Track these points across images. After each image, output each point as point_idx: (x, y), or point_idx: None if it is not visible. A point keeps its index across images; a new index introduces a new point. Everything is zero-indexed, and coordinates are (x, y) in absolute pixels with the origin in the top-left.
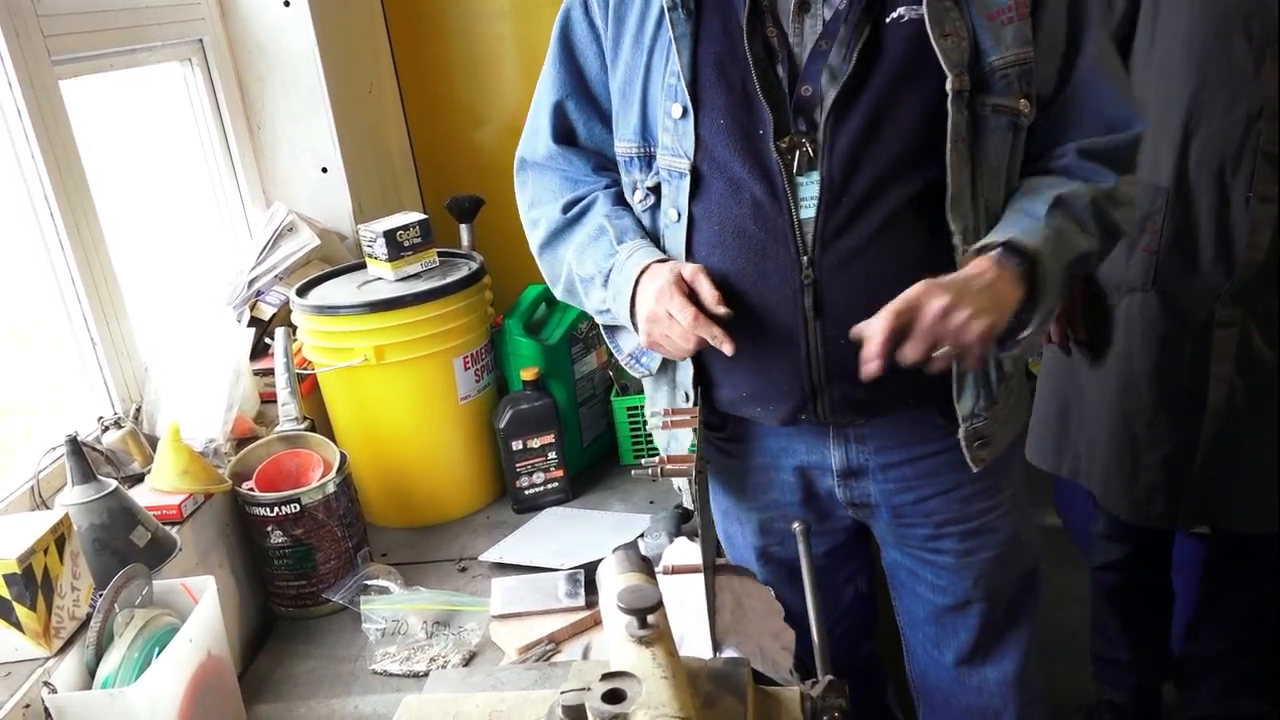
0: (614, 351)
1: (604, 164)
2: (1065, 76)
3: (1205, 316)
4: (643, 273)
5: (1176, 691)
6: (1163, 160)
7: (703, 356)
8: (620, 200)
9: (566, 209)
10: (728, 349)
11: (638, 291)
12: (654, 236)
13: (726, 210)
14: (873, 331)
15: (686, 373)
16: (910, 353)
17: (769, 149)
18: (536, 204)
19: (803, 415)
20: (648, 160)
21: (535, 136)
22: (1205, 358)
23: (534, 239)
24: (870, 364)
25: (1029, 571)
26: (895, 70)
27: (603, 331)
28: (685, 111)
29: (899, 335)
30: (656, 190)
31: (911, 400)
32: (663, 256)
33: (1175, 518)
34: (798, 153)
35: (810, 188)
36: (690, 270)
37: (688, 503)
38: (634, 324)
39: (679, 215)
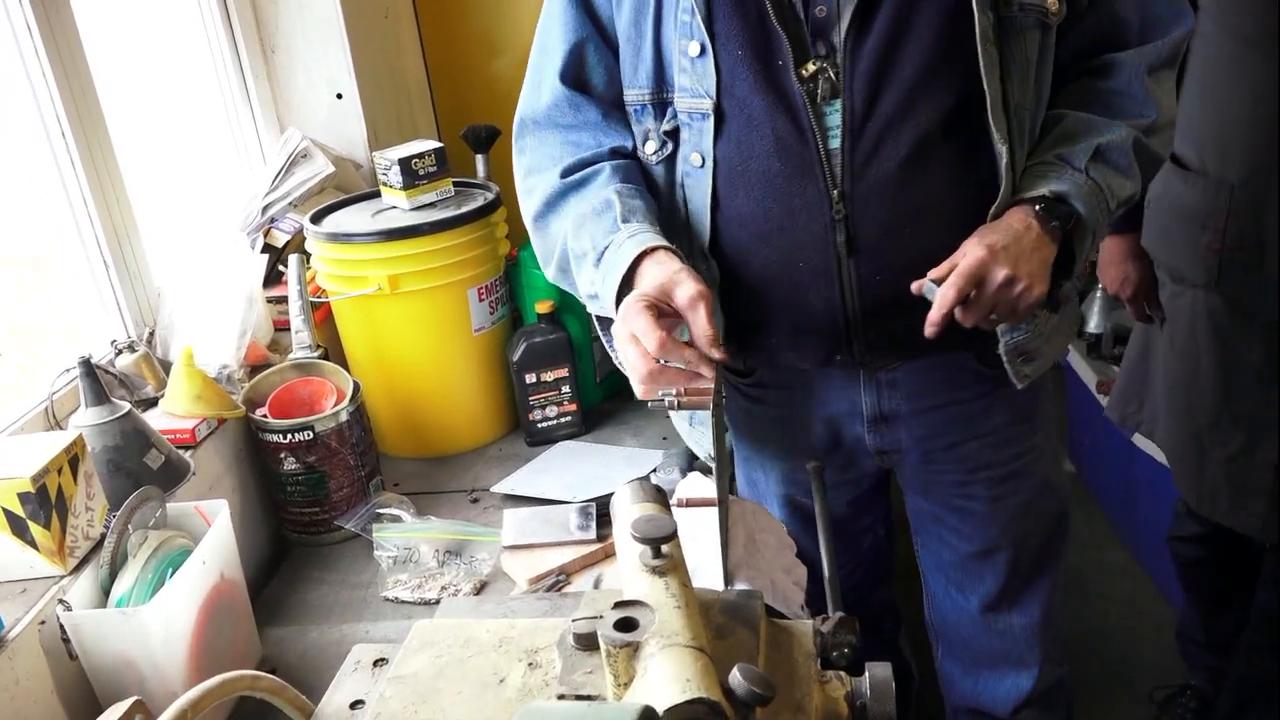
0: (607, 347)
1: (612, 113)
2: None
3: (1273, 319)
4: (644, 255)
5: None
6: (1231, 152)
7: (734, 301)
8: (630, 176)
9: (566, 174)
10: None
11: (636, 276)
12: (666, 189)
13: (749, 149)
14: (944, 300)
15: (719, 323)
16: (969, 320)
17: (790, 79)
18: (533, 172)
19: (837, 357)
20: (661, 107)
21: (538, 89)
22: (1274, 362)
23: (528, 210)
24: (932, 328)
25: (1058, 516)
26: None
27: (595, 324)
28: (703, 49)
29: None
30: (674, 135)
31: (954, 338)
32: (669, 245)
33: (1240, 519)
34: (820, 80)
35: (835, 116)
36: (688, 294)
37: (698, 450)
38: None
39: (703, 160)
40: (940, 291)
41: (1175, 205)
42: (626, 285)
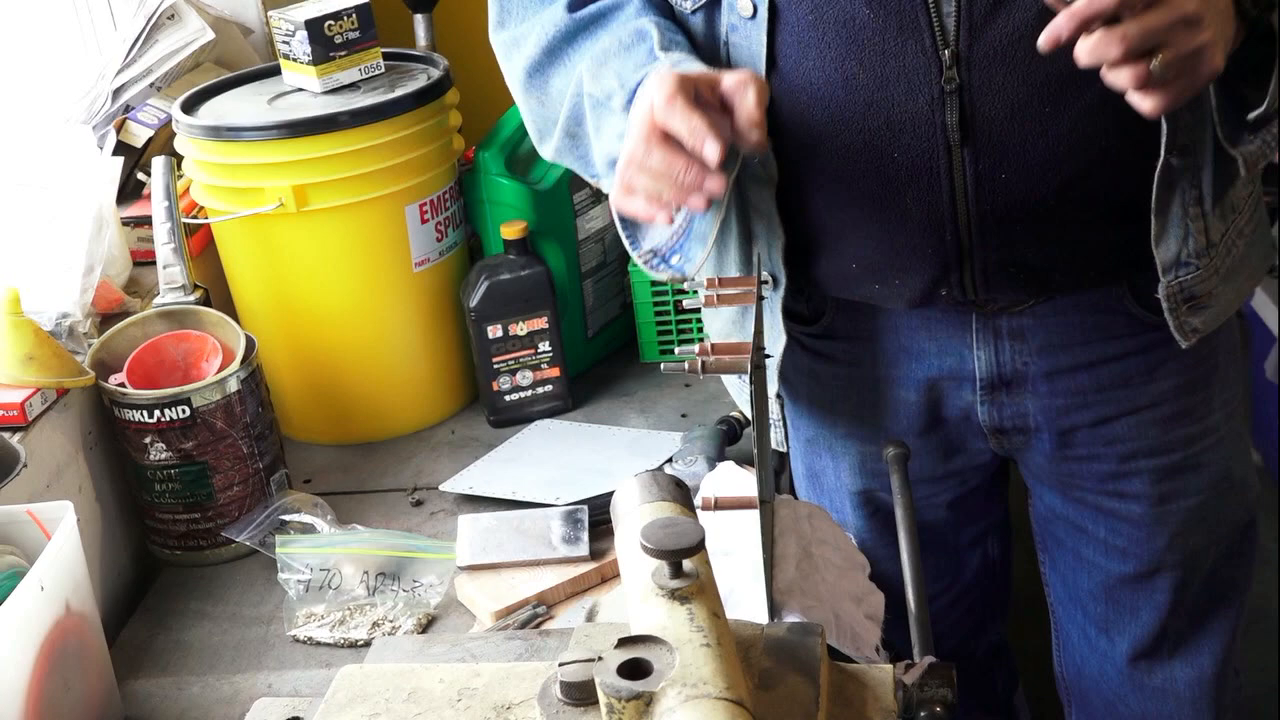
0: (628, 243)
1: None
2: None
3: None
4: None
5: None
6: None
7: (798, 208)
8: (667, 12)
9: (575, 6)
10: (704, 195)
11: None
12: (706, 48)
13: None
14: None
15: (775, 239)
16: (1115, 48)
17: None
18: (525, 10)
19: (942, 291)
20: None
21: None
22: None
23: (517, 63)
24: (1049, 34)
25: (1242, 526)
26: None
27: (613, 213)
28: None
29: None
30: None
31: (1106, 264)
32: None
33: None
34: None
35: None
36: (739, 75)
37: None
38: None
39: (754, 8)
40: None
41: None
42: None
